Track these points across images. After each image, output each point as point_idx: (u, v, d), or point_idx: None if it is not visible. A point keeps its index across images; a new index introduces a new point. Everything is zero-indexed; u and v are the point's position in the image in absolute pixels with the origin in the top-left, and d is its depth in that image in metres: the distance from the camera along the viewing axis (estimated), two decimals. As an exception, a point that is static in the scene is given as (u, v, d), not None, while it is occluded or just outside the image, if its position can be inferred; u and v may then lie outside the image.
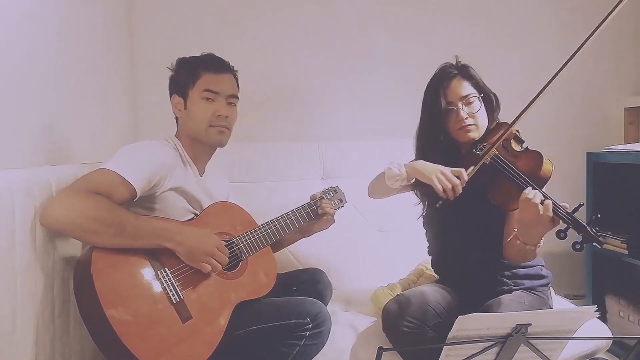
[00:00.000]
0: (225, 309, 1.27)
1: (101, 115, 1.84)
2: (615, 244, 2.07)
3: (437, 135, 1.45)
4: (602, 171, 2.17)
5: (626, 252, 2.02)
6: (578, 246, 1.15)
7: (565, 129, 2.54)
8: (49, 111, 1.41)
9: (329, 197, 1.64)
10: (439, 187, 1.27)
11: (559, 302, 1.60)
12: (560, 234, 1.17)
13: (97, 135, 1.77)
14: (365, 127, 2.40)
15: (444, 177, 1.28)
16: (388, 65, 2.40)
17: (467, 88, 1.42)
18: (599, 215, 1.16)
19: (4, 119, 1.17)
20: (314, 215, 1.56)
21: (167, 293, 1.18)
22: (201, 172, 1.45)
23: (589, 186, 2.20)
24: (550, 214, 1.17)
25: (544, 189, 1.25)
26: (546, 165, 1.30)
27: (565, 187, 2.43)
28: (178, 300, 1.19)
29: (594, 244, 1.15)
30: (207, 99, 1.37)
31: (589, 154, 2.21)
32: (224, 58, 1.44)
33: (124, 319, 1.09)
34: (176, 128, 1.46)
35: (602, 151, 2.19)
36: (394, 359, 1.35)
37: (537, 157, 1.32)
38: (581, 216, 2.10)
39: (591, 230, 1.14)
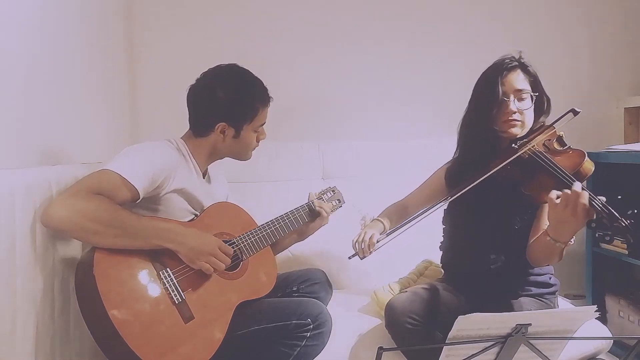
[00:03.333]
0: (227, 309, 1.28)
1: (101, 115, 1.83)
2: (615, 244, 2.07)
3: (484, 124, 1.41)
4: (602, 171, 2.16)
5: (626, 252, 2.02)
6: (593, 224, 1.12)
7: (565, 129, 2.54)
8: (49, 111, 1.41)
9: (327, 197, 1.64)
10: (353, 242, 1.48)
11: (559, 302, 1.60)
12: (591, 224, 1.13)
13: (97, 135, 1.77)
14: (365, 128, 2.40)
15: (361, 235, 1.48)
16: (388, 67, 2.40)
17: (523, 83, 1.39)
18: (635, 211, 1.12)
19: (4, 119, 1.17)
20: (312, 215, 1.56)
21: (169, 293, 1.18)
22: (204, 173, 1.46)
23: (589, 186, 2.19)
24: (586, 202, 1.13)
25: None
26: (587, 164, 1.28)
27: (565, 187, 2.43)
28: (180, 300, 1.19)
29: (628, 238, 1.10)
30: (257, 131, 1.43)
31: (589, 154, 2.20)
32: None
33: (127, 319, 1.09)
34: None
35: (602, 151, 2.18)
36: (396, 357, 1.35)
37: (579, 154, 1.30)
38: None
39: (623, 222, 1.10)
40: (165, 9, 2.25)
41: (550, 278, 1.47)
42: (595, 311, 0.93)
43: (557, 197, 1.16)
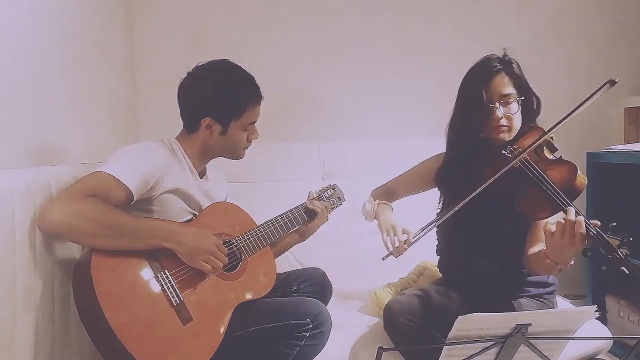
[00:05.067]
0: (226, 310, 1.27)
1: (101, 115, 1.84)
2: (615, 244, 2.07)
3: (471, 130, 1.37)
4: (602, 171, 2.17)
5: (626, 252, 2.02)
6: (604, 267, 1.08)
7: (565, 129, 2.53)
8: (49, 111, 1.41)
9: (327, 195, 1.64)
10: (385, 240, 1.36)
11: (559, 302, 1.60)
12: (587, 253, 1.10)
13: (97, 135, 1.77)
14: (365, 128, 2.40)
15: (392, 232, 1.35)
16: (388, 67, 2.41)
17: (508, 87, 1.33)
18: (631, 239, 1.07)
19: (4, 119, 1.17)
20: (310, 215, 1.56)
21: (167, 295, 1.18)
22: (201, 174, 1.45)
23: (589, 186, 2.19)
24: (583, 230, 1.09)
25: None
26: (580, 179, 1.22)
27: (565, 187, 2.43)
28: (178, 302, 1.19)
29: (623, 268, 1.07)
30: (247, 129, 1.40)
31: (589, 154, 2.21)
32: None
33: (125, 322, 1.08)
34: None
35: (602, 151, 2.18)
36: (395, 358, 1.35)
37: (571, 169, 1.24)
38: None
39: (620, 254, 1.06)
40: (165, 7, 2.24)
41: (548, 277, 1.45)
42: (595, 311, 0.93)
43: (553, 226, 1.13)
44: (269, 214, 1.52)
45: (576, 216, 1.11)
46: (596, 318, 0.97)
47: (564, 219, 1.12)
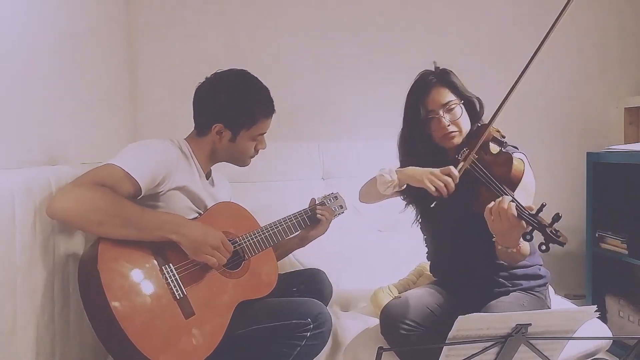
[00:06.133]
0: (228, 307, 1.28)
1: (101, 115, 1.84)
2: (615, 244, 2.07)
3: (418, 144, 1.43)
4: (602, 171, 2.17)
5: (626, 252, 2.03)
6: (543, 247, 1.10)
7: (565, 129, 2.54)
8: (49, 111, 1.41)
9: (329, 203, 1.65)
10: (431, 188, 1.29)
11: (559, 302, 1.60)
12: (526, 236, 1.13)
13: (97, 135, 1.77)
14: (365, 128, 2.40)
15: (435, 177, 1.30)
16: (388, 66, 2.41)
17: (447, 95, 1.40)
18: (559, 215, 1.09)
19: (4, 119, 1.17)
20: (313, 222, 1.56)
21: (171, 289, 1.19)
22: (207, 176, 1.46)
23: (589, 186, 2.20)
24: (513, 212, 1.13)
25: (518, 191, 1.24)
26: (515, 167, 1.26)
27: (565, 187, 2.44)
28: (181, 296, 1.19)
29: (559, 243, 1.09)
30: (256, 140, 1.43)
31: (589, 154, 2.21)
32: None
33: (128, 313, 1.09)
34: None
35: (602, 151, 2.19)
36: (394, 359, 1.35)
37: (507, 159, 1.28)
38: (580, 215, 2.10)
39: (549, 232, 1.09)
40: (166, 9, 2.25)
41: (539, 269, 1.47)
42: (595, 311, 0.93)
43: (491, 213, 1.16)
44: (269, 213, 1.52)
45: (508, 202, 1.15)
46: (596, 318, 0.97)
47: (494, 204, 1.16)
